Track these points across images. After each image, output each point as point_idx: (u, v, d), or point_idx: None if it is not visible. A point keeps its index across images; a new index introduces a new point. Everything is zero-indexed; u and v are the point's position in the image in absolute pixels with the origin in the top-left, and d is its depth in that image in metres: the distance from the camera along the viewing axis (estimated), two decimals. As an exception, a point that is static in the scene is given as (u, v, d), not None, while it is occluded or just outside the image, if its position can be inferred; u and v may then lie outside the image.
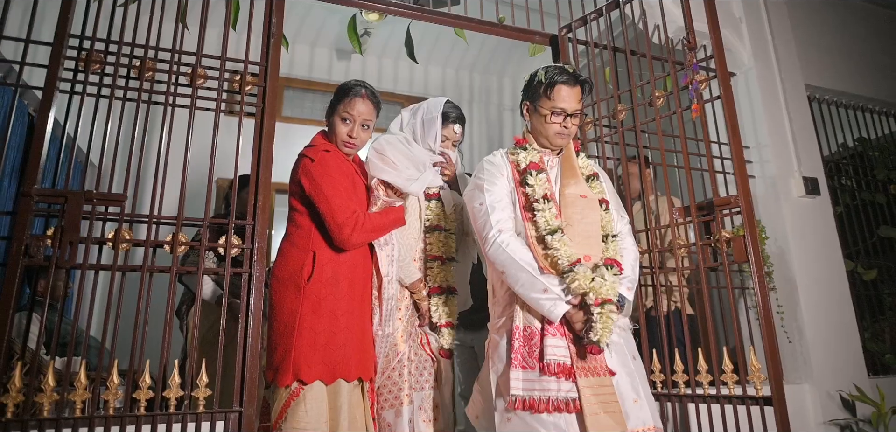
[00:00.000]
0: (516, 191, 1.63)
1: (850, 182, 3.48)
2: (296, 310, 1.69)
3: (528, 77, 1.72)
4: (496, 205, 1.60)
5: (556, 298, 1.47)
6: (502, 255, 1.53)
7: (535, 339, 1.49)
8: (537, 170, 1.62)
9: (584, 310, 1.45)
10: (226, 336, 1.81)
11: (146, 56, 1.84)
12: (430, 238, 2.03)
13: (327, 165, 1.80)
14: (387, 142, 2.00)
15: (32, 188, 1.59)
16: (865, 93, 3.63)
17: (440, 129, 2.03)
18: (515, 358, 1.47)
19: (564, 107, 1.62)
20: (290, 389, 1.66)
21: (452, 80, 4.99)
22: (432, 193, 2.06)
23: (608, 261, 1.51)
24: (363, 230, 1.78)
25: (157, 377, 1.63)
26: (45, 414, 1.51)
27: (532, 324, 1.51)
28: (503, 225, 1.58)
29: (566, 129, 1.65)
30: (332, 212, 1.75)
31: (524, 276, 1.50)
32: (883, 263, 3.32)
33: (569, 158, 1.70)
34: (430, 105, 2.08)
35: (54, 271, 1.60)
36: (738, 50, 3.18)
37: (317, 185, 1.76)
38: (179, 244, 1.74)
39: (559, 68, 1.66)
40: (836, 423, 2.54)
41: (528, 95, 1.72)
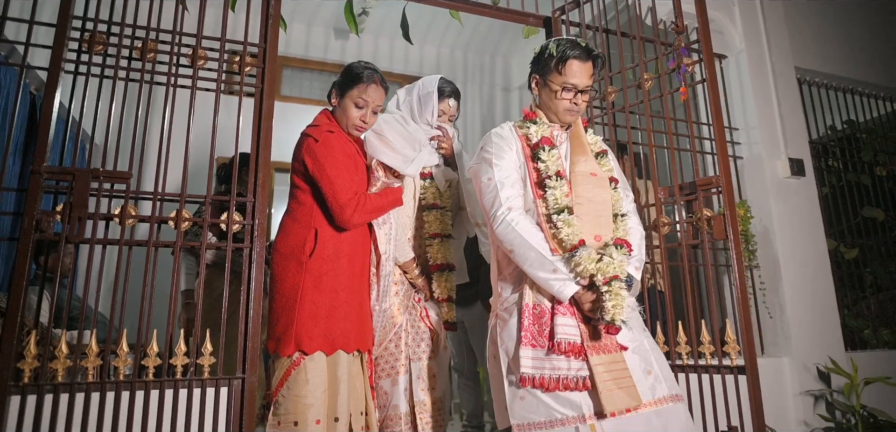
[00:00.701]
0: (527, 165, 1.59)
1: (837, 163, 3.55)
2: (298, 285, 1.76)
3: (538, 49, 1.66)
4: (505, 181, 1.55)
5: (566, 278, 1.44)
6: (511, 234, 1.49)
7: (545, 318, 1.47)
8: (549, 145, 1.58)
9: (593, 290, 1.44)
10: (228, 308, 1.89)
11: (148, 37, 1.89)
12: (428, 216, 2.09)
13: (331, 146, 1.86)
14: (384, 123, 2.05)
15: (42, 166, 1.66)
16: (855, 76, 3.69)
17: (437, 104, 2.09)
18: (525, 337, 1.46)
19: (575, 82, 1.57)
20: (291, 359, 1.74)
21: (447, 59, 5.02)
22: (426, 172, 2.11)
23: (618, 241, 1.49)
24: (364, 210, 1.84)
25: (164, 346, 1.72)
26: (59, 379, 1.60)
27: (542, 302, 1.48)
28: (513, 202, 1.53)
29: (576, 106, 1.60)
30: (334, 193, 1.80)
31: (533, 256, 1.47)
32: (865, 243, 3.41)
33: (578, 135, 1.66)
34: (425, 82, 2.14)
35: (61, 245, 1.67)
36: (730, 32, 3.22)
37: (320, 165, 1.82)
38: (183, 220, 1.81)
39: (571, 42, 1.59)
40: (811, 393, 2.66)
41: (537, 68, 1.65)
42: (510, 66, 5.24)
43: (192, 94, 1.92)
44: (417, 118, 2.10)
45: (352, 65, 1.97)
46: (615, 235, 1.53)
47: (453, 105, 2.17)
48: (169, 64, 1.90)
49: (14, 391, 1.54)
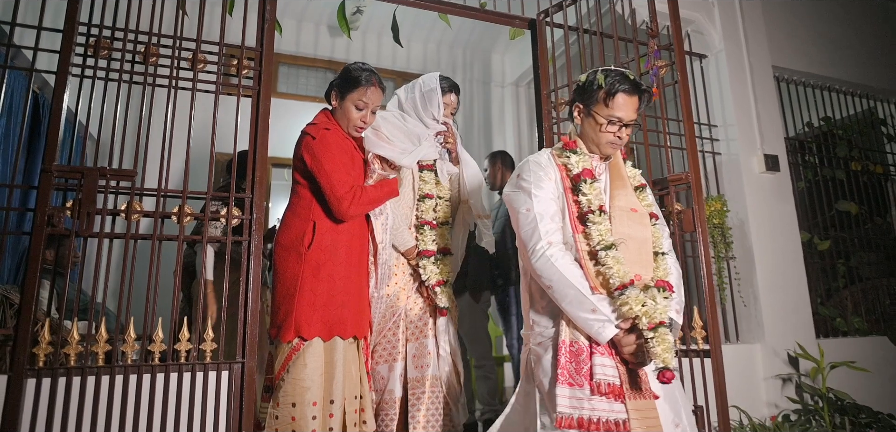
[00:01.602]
0: (566, 197, 1.54)
1: (814, 159, 3.69)
2: (297, 274, 1.88)
3: (584, 78, 1.61)
4: (544, 213, 1.51)
5: (606, 320, 1.40)
6: (551, 270, 1.44)
7: (583, 356, 1.42)
8: (591, 178, 1.54)
9: (635, 333, 1.40)
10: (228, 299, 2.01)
11: (150, 42, 2.00)
12: (423, 205, 2.19)
13: (327, 142, 1.96)
14: (383, 119, 2.17)
15: (52, 165, 1.77)
16: (833, 74, 3.82)
17: (441, 98, 2.20)
18: (561, 375, 1.41)
19: (621, 116, 1.53)
20: (291, 344, 1.86)
21: (433, 55, 5.14)
22: (427, 164, 2.22)
23: (660, 283, 1.46)
24: (360, 203, 1.95)
25: (168, 332, 1.84)
26: (71, 364, 1.72)
27: (579, 339, 1.44)
28: (553, 237, 1.49)
29: (620, 139, 1.56)
30: (331, 187, 1.91)
31: (573, 294, 1.42)
32: (839, 235, 3.56)
33: (617, 167, 1.62)
34: (425, 80, 2.26)
35: (72, 239, 1.79)
36: (710, 33, 3.34)
37: (318, 161, 1.92)
38: (185, 215, 1.93)
39: (621, 75, 1.55)
40: (780, 377, 2.81)
41: (582, 98, 1.60)
42: (495, 62, 5.38)
43: (192, 95, 2.03)
44: (422, 115, 2.21)
45: (350, 67, 2.07)
46: (655, 275, 1.49)
47: (454, 99, 2.29)
48: (170, 67, 2.01)
49: (30, 374, 1.66)
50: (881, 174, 3.87)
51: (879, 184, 3.88)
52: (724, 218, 2.96)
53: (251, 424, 1.89)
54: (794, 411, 2.73)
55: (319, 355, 1.87)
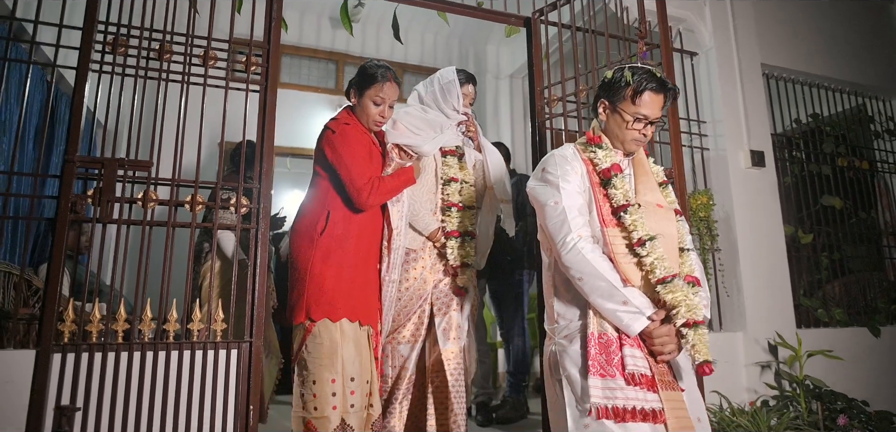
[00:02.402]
0: (593, 191, 1.55)
1: (800, 154, 3.80)
2: (309, 259, 2.01)
3: (610, 74, 1.62)
4: (574, 207, 1.51)
5: (637, 312, 1.41)
6: (583, 263, 1.44)
7: (612, 347, 1.42)
8: (620, 171, 1.55)
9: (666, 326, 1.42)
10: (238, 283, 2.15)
11: (164, 40, 2.11)
12: (449, 188, 2.31)
13: (347, 136, 2.09)
14: (404, 113, 2.31)
15: (75, 155, 1.90)
16: (821, 72, 3.92)
17: (459, 90, 2.33)
18: (593, 366, 1.41)
19: (647, 113, 1.55)
20: (304, 325, 2.00)
21: (431, 48, 5.26)
22: (449, 149, 2.34)
23: (689, 278, 1.48)
24: (379, 192, 2.07)
25: (182, 313, 1.97)
26: (93, 340, 1.86)
27: (607, 330, 1.44)
28: (583, 231, 1.49)
29: (645, 137, 1.58)
30: (351, 178, 2.03)
31: (603, 286, 1.42)
32: (823, 229, 3.68)
33: (641, 163, 1.63)
34: (443, 74, 2.39)
35: (92, 225, 1.91)
36: (701, 31, 3.45)
37: (338, 154, 2.05)
38: (197, 203, 2.06)
39: (648, 73, 1.56)
40: (760, 364, 2.95)
41: (608, 94, 1.61)
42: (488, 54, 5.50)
43: (203, 90, 2.15)
44: (442, 106, 2.33)
45: (365, 66, 2.20)
46: (683, 270, 1.51)
47: (471, 90, 2.42)
48: (183, 63, 2.13)
49: (56, 350, 1.80)
50: (867, 170, 3.97)
51: (865, 179, 3.99)
52: (710, 211, 3.09)
53: (258, 399, 2.03)
54: (773, 397, 2.87)
55: (330, 335, 1.99)
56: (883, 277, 3.91)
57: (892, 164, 4.10)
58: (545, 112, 2.80)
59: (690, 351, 1.40)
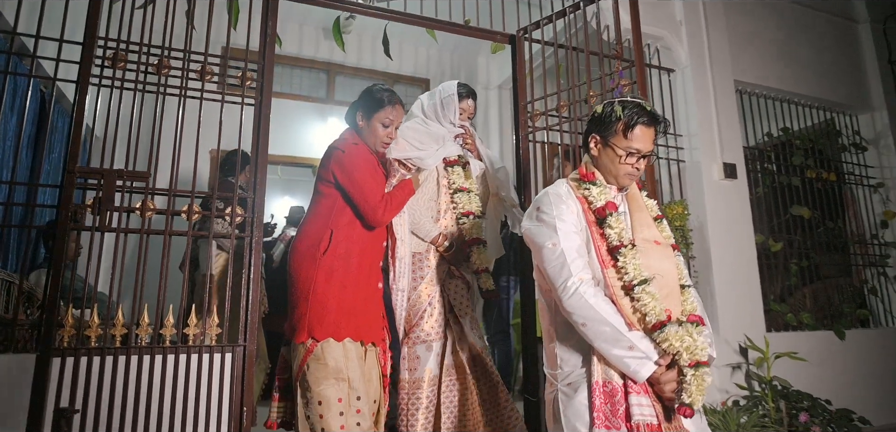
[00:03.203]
0: (589, 231, 1.51)
1: (771, 167, 3.99)
2: (311, 278, 1.98)
3: (600, 109, 1.60)
4: (572, 248, 1.46)
5: (643, 357, 1.37)
6: (586, 308, 1.40)
7: (617, 396, 1.38)
8: (615, 210, 1.52)
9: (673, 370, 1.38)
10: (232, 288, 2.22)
11: (162, 56, 2.20)
12: (460, 198, 2.35)
13: (357, 157, 2.12)
14: (407, 128, 2.37)
15: (75, 166, 1.97)
16: (791, 88, 4.11)
17: (458, 105, 2.41)
18: (598, 418, 1.37)
19: (640, 147, 1.52)
20: (305, 345, 1.96)
21: (424, 59, 5.38)
22: (453, 159, 2.39)
23: (692, 318, 1.43)
24: (390, 208, 2.12)
25: (178, 318, 2.05)
26: (92, 344, 1.93)
27: (612, 378, 1.40)
28: (584, 273, 1.44)
29: (637, 170, 1.55)
30: (365, 198, 2.06)
31: (608, 331, 1.38)
32: (793, 237, 3.86)
33: (635, 198, 1.61)
34: (444, 87, 2.45)
35: (73, 234, 1.99)
36: (678, 50, 3.61)
37: (349, 174, 2.07)
38: (193, 212, 2.14)
39: (638, 107, 1.53)
40: (731, 366, 3.10)
41: (599, 129, 1.58)
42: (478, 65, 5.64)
43: (200, 104, 2.24)
44: (441, 120, 2.42)
45: (372, 90, 2.25)
46: (684, 309, 1.47)
47: (470, 105, 2.49)
48: (181, 78, 2.22)
49: (56, 354, 1.87)
50: (834, 181, 4.17)
51: (833, 190, 4.19)
52: (685, 220, 3.24)
53: (252, 401, 2.11)
54: (744, 397, 3.02)
55: (334, 354, 1.95)
56: (850, 283, 4.10)
57: (857, 176, 4.31)
58: (528, 125, 2.93)
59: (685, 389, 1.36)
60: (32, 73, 2.10)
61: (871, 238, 4.19)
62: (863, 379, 3.60)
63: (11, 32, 2.09)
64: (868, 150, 4.40)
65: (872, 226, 4.22)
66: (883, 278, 4.13)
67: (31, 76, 2.10)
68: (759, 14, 4.10)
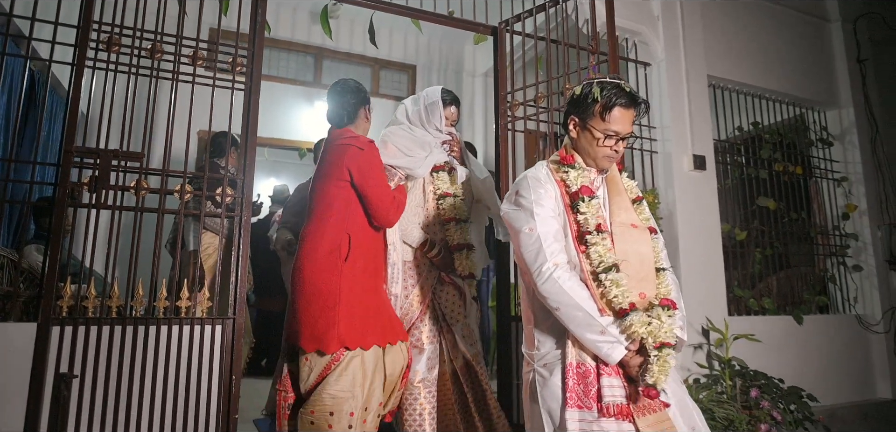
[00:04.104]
0: (566, 215, 1.52)
1: (741, 159, 4.18)
2: (337, 287, 1.95)
3: (579, 90, 1.58)
4: (549, 233, 1.48)
5: (614, 340, 1.40)
6: (559, 292, 1.42)
7: (590, 377, 1.42)
8: (590, 195, 1.52)
9: (641, 354, 1.40)
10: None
11: (155, 40, 2.29)
12: (444, 204, 2.35)
13: (374, 157, 2.12)
14: (391, 133, 2.38)
15: (72, 146, 2.07)
16: (763, 83, 4.29)
17: (443, 111, 2.38)
18: (570, 398, 1.41)
19: (618, 129, 1.51)
20: (332, 356, 1.94)
21: (412, 46, 5.47)
22: (440, 165, 2.38)
23: (664, 302, 1.44)
24: (399, 209, 2.15)
25: (170, 292, 2.17)
26: (90, 314, 2.04)
27: (585, 361, 1.44)
28: (558, 257, 1.46)
29: (616, 153, 1.54)
30: (381, 198, 2.05)
31: (581, 316, 1.41)
32: (759, 227, 4.07)
33: (614, 180, 1.61)
34: (428, 93, 2.42)
35: (67, 210, 2.09)
36: (654, 45, 3.76)
37: (366, 173, 2.05)
38: (185, 192, 2.25)
39: (617, 88, 1.52)
40: (693, 346, 3.30)
41: (577, 111, 1.57)
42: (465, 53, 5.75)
43: (192, 88, 2.33)
44: (426, 125, 2.39)
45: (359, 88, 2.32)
46: (658, 292, 1.49)
47: (454, 111, 2.46)
48: (173, 63, 2.31)
49: (55, 323, 1.98)
50: (801, 174, 4.38)
51: (799, 183, 4.40)
52: (655, 209, 3.41)
53: (240, 370, 2.25)
54: (704, 375, 3.23)
55: (359, 365, 1.96)
56: (813, 272, 4.33)
57: (823, 170, 4.52)
58: (508, 115, 3.06)
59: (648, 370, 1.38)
60: (29, 54, 2.17)
61: (833, 229, 4.42)
62: (818, 362, 3.84)
63: (7, 14, 2.16)
64: (834, 145, 4.61)
65: (835, 218, 4.45)
66: (842, 267, 4.36)
67: (28, 58, 2.17)
68: (735, 11, 4.26)
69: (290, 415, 2.04)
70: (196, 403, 2.12)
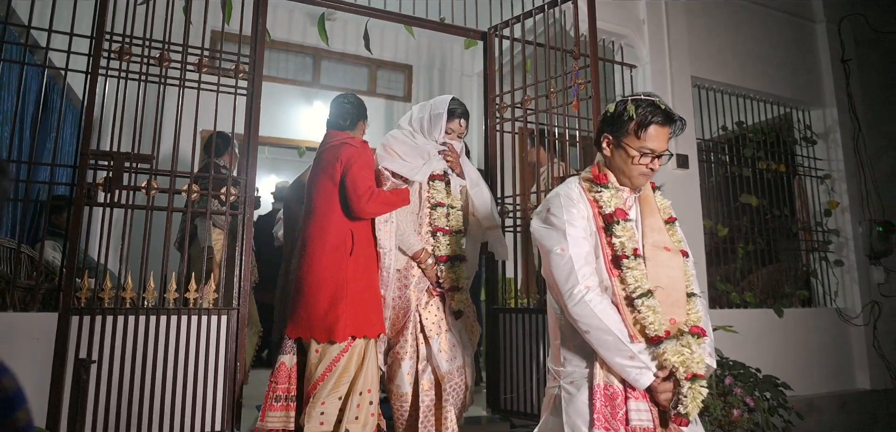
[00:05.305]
0: (599, 236, 1.51)
1: (724, 158, 4.33)
2: (346, 279, 2.11)
3: (612, 107, 1.57)
4: (580, 255, 1.47)
5: (643, 366, 1.40)
6: (590, 316, 1.42)
7: (618, 400, 1.42)
8: (624, 218, 1.50)
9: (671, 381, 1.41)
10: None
11: (163, 49, 2.45)
12: (436, 213, 2.35)
13: (364, 153, 2.29)
14: (394, 139, 2.42)
15: (88, 149, 2.23)
16: (747, 84, 4.43)
17: (445, 124, 2.37)
18: (598, 420, 1.40)
19: (654, 147, 1.49)
20: (342, 345, 2.10)
21: (412, 45, 5.60)
22: (437, 174, 2.39)
23: (694, 329, 1.43)
24: (376, 201, 2.17)
25: (179, 285, 2.34)
26: (105, 304, 2.21)
27: (613, 383, 1.43)
28: (590, 280, 1.45)
29: (652, 171, 1.52)
30: (355, 184, 2.14)
31: (611, 340, 1.41)
32: (741, 224, 4.23)
33: (648, 200, 1.59)
34: (436, 102, 2.41)
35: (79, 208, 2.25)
36: (639, 47, 3.91)
37: (348, 164, 2.18)
38: (193, 191, 2.41)
39: (652, 106, 1.50)
40: (672, 337, 3.47)
41: (611, 128, 1.54)
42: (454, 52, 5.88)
43: (198, 94, 2.49)
44: (426, 134, 2.39)
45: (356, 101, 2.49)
46: (689, 319, 1.47)
47: (463, 124, 2.44)
48: (180, 70, 2.47)
49: (75, 313, 2.15)
50: (784, 172, 4.53)
51: (782, 181, 4.55)
52: (639, 206, 3.57)
53: (244, 356, 2.42)
54: (685, 364, 3.38)
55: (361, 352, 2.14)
56: (797, 267, 4.49)
57: (806, 168, 4.67)
58: (496, 116, 3.22)
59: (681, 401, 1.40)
60: (46, 64, 2.34)
61: (815, 225, 4.57)
62: (796, 354, 4.00)
63: (26, 26, 2.32)
64: (817, 144, 4.76)
65: (818, 215, 4.60)
66: (824, 262, 4.52)
67: (45, 67, 2.34)
68: (720, 13, 4.40)
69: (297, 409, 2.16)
70: (204, 387, 2.29)
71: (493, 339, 2.98)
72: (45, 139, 3.45)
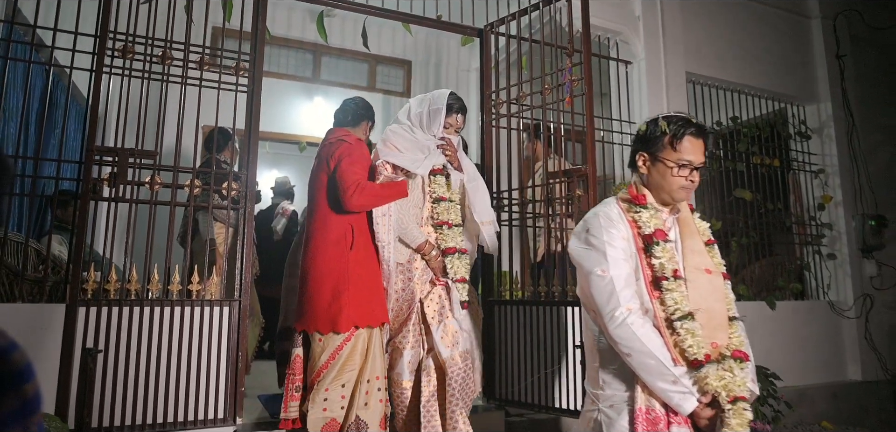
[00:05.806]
0: (639, 257, 1.50)
1: (719, 153, 4.38)
2: (346, 272, 2.17)
3: (644, 127, 1.58)
4: (621, 277, 1.46)
5: (686, 391, 1.38)
6: (632, 339, 1.41)
7: (660, 425, 1.41)
8: (664, 239, 1.49)
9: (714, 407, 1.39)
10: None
11: (166, 48, 2.50)
12: (439, 207, 2.38)
13: (354, 148, 2.31)
14: (394, 133, 2.41)
15: (93, 145, 2.29)
16: (742, 79, 4.48)
17: (443, 119, 2.39)
18: None
19: (691, 158, 1.49)
20: (344, 335, 2.14)
21: (410, 41, 5.65)
22: (438, 168, 2.41)
23: (736, 353, 1.43)
24: (363, 195, 2.17)
25: (182, 278, 2.41)
26: (111, 296, 2.28)
27: (654, 407, 1.43)
28: (632, 303, 1.44)
29: (692, 183, 1.51)
30: (342, 177, 2.17)
31: (653, 364, 1.39)
32: (735, 218, 4.28)
33: (687, 221, 1.57)
34: (435, 96, 2.42)
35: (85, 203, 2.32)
36: (635, 44, 3.96)
37: (338, 158, 2.23)
38: (195, 186, 2.48)
39: (684, 120, 1.52)
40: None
41: (645, 146, 1.55)
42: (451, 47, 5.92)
43: (199, 91, 2.55)
44: (425, 128, 2.40)
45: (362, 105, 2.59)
46: (731, 343, 1.46)
47: (460, 119, 2.45)
48: (182, 67, 2.53)
49: (82, 304, 2.22)
50: (778, 167, 4.58)
51: (776, 176, 4.60)
52: (633, 200, 3.63)
53: (246, 348, 2.49)
54: (677, 355, 3.45)
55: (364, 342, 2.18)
56: (792, 260, 4.55)
57: (801, 163, 4.72)
58: (492, 112, 3.27)
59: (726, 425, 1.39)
60: (51, 62, 2.40)
61: (809, 219, 4.62)
62: (789, 346, 4.07)
63: (32, 25, 2.38)
64: (812, 139, 4.81)
65: (812, 209, 4.65)
66: (817, 256, 4.58)
67: (50, 65, 2.40)
68: (715, 10, 4.44)
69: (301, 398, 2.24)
70: (207, 376, 2.36)
71: (488, 331, 3.05)
72: (50, 135, 3.52)
